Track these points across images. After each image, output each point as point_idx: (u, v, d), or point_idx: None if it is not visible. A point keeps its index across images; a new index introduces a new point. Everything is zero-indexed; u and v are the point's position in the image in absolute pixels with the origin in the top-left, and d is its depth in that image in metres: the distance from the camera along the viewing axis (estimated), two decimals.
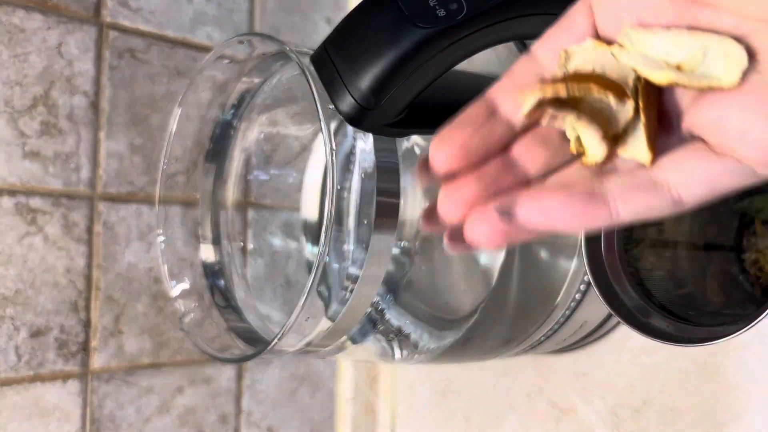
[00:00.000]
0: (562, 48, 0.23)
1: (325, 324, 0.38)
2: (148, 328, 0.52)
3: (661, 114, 0.23)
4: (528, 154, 0.24)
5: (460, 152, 0.23)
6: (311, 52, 0.35)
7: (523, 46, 0.52)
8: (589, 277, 0.34)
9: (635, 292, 0.35)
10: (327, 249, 0.34)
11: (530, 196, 0.22)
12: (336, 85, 0.33)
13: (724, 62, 0.21)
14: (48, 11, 0.48)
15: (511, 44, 0.53)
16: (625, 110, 0.22)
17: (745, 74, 0.21)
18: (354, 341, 0.40)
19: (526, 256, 0.42)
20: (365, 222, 0.36)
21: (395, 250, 0.38)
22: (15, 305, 0.46)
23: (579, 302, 0.44)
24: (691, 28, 0.22)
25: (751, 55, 0.21)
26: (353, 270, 0.37)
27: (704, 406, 0.45)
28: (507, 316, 0.42)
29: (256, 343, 0.43)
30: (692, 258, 0.38)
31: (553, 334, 0.45)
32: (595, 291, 0.34)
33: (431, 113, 0.36)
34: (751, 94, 0.21)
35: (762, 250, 0.33)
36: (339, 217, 0.37)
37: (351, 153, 0.37)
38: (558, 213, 0.22)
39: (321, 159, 0.54)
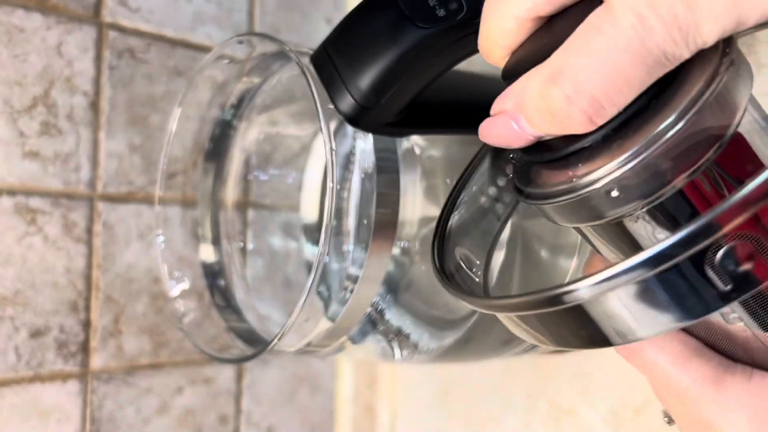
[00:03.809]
0: None
1: (324, 324, 0.38)
2: (147, 329, 0.52)
3: None
4: None
5: None
6: (311, 52, 0.35)
7: None
8: None
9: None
10: (327, 249, 0.34)
11: None
12: (336, 84, 0.33)
13: None
14: (47, 11, 0.48)
15: None
16: None
17: None
18: (354, 341, 0.40)
19: (526, 256, 0.41)
20: (365, 222, 0.36)
21: (395, 250, 0.38)
22: (14, 305, 0.46)
23: None
24: None
25: None
26: (353, 270, 0.37)
27: None
28: None
29: (256, 343, 0.43)
30: None
31: None
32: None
33: (431, 113, 0.36)
34: None
35: None
36: (339, 217, 0.37)
37: (351, 153, 0.37)
38: None
39: (321, 159, 0.54)
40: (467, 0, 0.32)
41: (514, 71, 0.25)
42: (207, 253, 0.48)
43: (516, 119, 0.24)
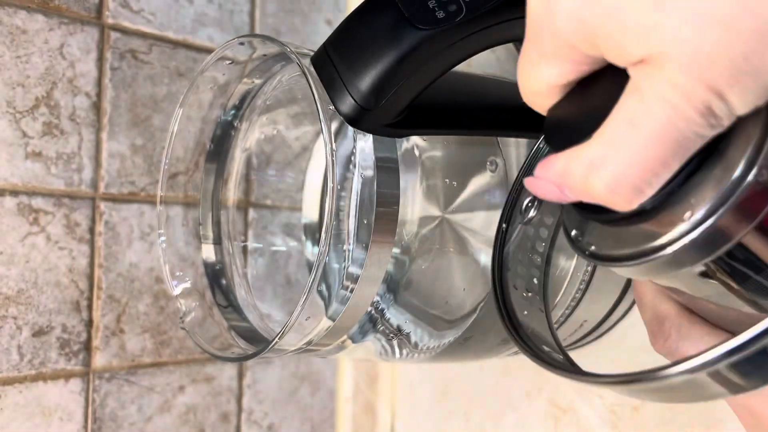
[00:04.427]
0: None
1: (325, 323, 0.38)
2: (149, 328, 0.52)
3: None
4: None
5: None
6: (312, 53, 0.35)
7: None
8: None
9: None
10: (327, 249, 0.34)
11: None
12: (336, 85, 0.33)
13: None
14: (50, 12, 0.48)
15: (510, 45, 0.53)
16: None
17: None
18: (354, 340, 0.41)
19: None
20: (365, 222, 0.36)
21: (395, 250, 0.39)
22: (17, 305, 0.46)
23: (579, 301, 0.44)
24: None
25: None
26: (353, 270, 0.37)
27: (702, 404, 0.45)
28: None
29: (257, 342, 0.43)
30: None
31: None
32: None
33: (431, 114, 0.37)
34: None
35: None
36: (339, 217, 0.37)
37: (351, 153, 0.37)
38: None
39: (321, 159, 0.54)
40: (466, 2, 0.32)
41: (553, 139, 0.26)
42: (208, 253, 0.48)
43: (560, 188, 0.25)
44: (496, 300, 0.32)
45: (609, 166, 0.22)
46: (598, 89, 0.24)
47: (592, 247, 0.27)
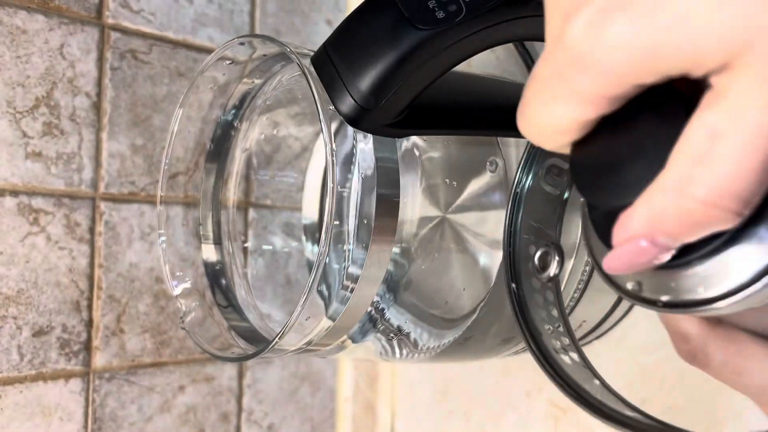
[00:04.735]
0: None
1: (325, 323, 0.38)
2: (149, 328, 0.52)
3: None
4: None
5: None
6: (312, 54, 0.36)
7: (523, 48, 0.53)
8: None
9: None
10: (327, 249, 0.34)
11: None
12: (336, 85, 0.33)
13: None
14: (50, 12, 0.48)
15: (510, 45, 0.53)
16: None
17: None
18: (354, 340, 0.41)
19: None
20: (365, 222, 0.36)
21: (395, 250, 0.39)
22: (18, 305, 0.46)
23: (578, 301, 0.44)
24: None
25: None
26: (353, 270, 0.37)
27: (703, 404, 0.45)
28: (506, 315, 0.43)
29: (257, 342, 0.43)
30: None
31: None
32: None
33: (431, 114, 0.37)
34: None
35: None
36: (339, 217, 0.37)
37: (351, 153, 0.37)
38: None
39: (321, 159, 0.54)
40: (466, 2, 0.32)
41: (607, 189, 0.22)
42: (209, 253, 0.48)
43: (653, 239, 0.21)
44: (553, 378, 0.30)
45: (707, 181, 0.19)
46: (647, 114, 0.21)
47: (664, 297, 0.23)
